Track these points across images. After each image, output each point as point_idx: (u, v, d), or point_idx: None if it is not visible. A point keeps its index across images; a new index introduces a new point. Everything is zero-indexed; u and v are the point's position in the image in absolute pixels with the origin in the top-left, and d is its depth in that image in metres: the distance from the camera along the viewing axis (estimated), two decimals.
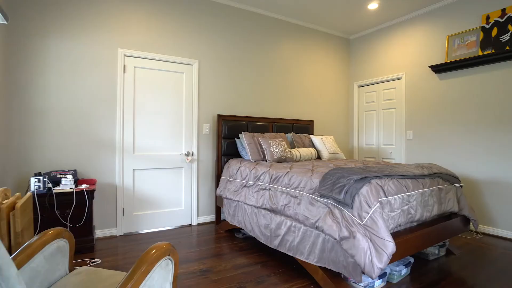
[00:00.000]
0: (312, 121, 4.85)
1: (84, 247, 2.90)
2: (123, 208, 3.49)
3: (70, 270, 1.46)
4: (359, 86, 5.42)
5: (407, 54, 4.58)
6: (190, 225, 3.92)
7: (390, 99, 4.88)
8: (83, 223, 2.89)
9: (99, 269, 1.46)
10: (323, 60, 5.22)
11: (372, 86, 5.19)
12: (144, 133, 3.61)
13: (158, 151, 3.71)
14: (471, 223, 2.83)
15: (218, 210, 3.96)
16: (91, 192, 2.92)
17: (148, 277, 1.03)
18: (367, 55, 5.24)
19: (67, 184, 2.83)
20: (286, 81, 4.76)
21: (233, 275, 2.46)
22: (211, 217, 4.08)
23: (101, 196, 3.37)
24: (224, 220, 3.91)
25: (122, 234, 3.50)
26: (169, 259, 1.15)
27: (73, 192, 2.82)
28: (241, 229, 3.54)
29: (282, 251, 2.52)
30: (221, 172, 3.89)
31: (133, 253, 2.93)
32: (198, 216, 3.98)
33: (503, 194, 3.52)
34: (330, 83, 5.32)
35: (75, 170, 3.10)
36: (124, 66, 3.48)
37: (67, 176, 2.91)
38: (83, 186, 2.93)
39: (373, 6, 4.26)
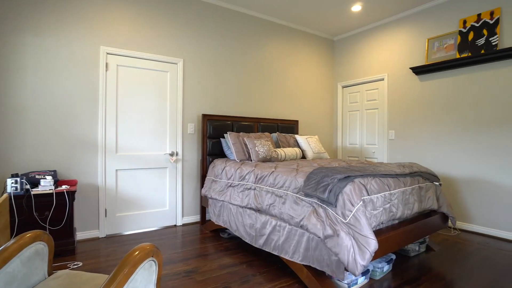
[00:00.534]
0: (297, 121, 4.89)
1: (64, 250, 2.82)
2: (106, 209, 3.42)
3: (49, 274, 1.42)
4: (343, 87, 5.51)
5: (389, 55, 4.69)
6: (175, 225, 3.88)
7: (373, 99, 4.98)
8: (63, 225, 2.81)
9: (80, 272, 1.42)
10: (308, 61, 5.27)
11: (355, 86, 5.28)
12: (127, 133, 3.55)
13: (142, 151, 3.65)
14: (449, 220, 2.93)
15: (203, 210, 3.94)
16: (72, 193, 2.84)
17: (131, 279, 1.01)
18: (351, 56, 5.33)
19: (46, 185, 2.74)
20: (272, 81, 4.78)
21: (218, 275, 2.45)
22: (196, 218, 4.05)
23: (82, 197, 3.29)
24: (209, 220, 3.89)
25: (105, 236, 3.42)
26: (153, 260, 1.13)
27: (52, 193, 2.74)
28: (226, 229, 3.53)
29: (267, 250, 2.53)
30: (206, 172, 3.87)
31: (116, 255, 2.87)
32: (183, 216, 3.94)
33: (479, 192, 3.66)
34: (315, 84, 5.38)
35: (55, 171, 3.01)
36: (107, 64, 3.41)
37: (47, 177, 2.82)
38: (64, 187, 2.85)
39: (356, 8, 4.33)
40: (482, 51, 3.57)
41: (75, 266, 2.61)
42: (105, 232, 3.42)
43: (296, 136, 4.27)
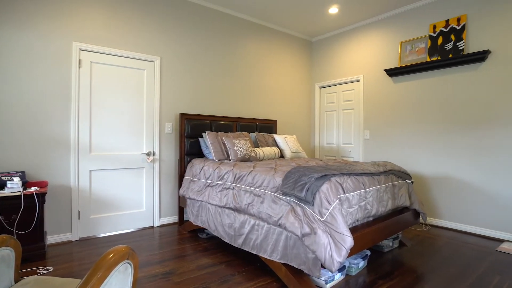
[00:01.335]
0: (275, 121, 4.93)
1: (34, 255, 2.69)
2: (79, 211, 3.30)
3: (16, 280, 1.35)
4: (321, 87, 5.61)
5: (365, 57, 4.83)
6: (152, 227, 3.80)
7: (349, 100, 5.10)
8: (32, 229, 2.68)
9: (50, 277, 1.37)
10: (287, 61, 5.32)
11: (332, 87, 5.40)
12: (102, 132, 3.43)
13: (117, 151, 3.55)
14: (420, 216, 3.05)
15: (181, 211, 3.89)
16: (42, 195, 2.71)
17: (105, 283, 0.98)
18: (328, 57, 5.44)
19: (13, 187, 2.61)
20: (250, 81, 4.79)
21: (197, 276, 2.43)
22: (173, 218, 3.99)
23: (53, 199, 3.15)
24: (187, 220, 3.84)
25: (78, 239, 3.30)
26: (128, 263, 1.11)
27: (20, 195, 2.60)
28: (205, 229, 3.50)
29: (246, 249, 2.54)
30: (184, 172, 3.82)
31: (90, 259, 2.77)
32: (160, 217, 3.87)
33: (447, 189, 3.85)
34: (293, 84, 5.44)
35: (23, 172, 2.86)
36: (80, 60, 3.28)
37: (14, 178, 2.68)
38: (33, 189, 2.72)
39: (333, 10, 4.43)
40: (450, 55, 3.75)
41: (46, 272, 2.50)
42: (78, 235, 3.30)
43: (275, 135, 4.30)
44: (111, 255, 1.01)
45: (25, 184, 2.85)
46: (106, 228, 3.48)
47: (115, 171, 3.53)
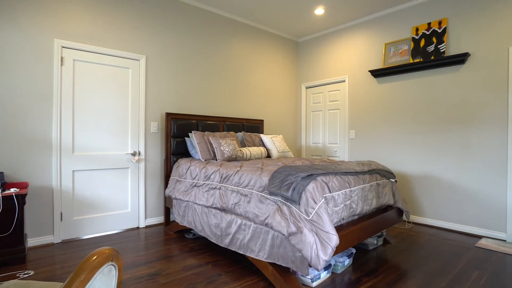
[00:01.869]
0: (262, 121, 4.94)
1: (13, 259, 2.60)
2: (61, 213, 3.21)
3: None
4: (307, 87, 5.66)
5: (350, 58, 4.90)
6: (138, 227, 3.75)
7: (335, 100, 5.17)
8: (12, 232, 2.59)
9: (31, 281, 1.33)
10: (273, 61, 5.34)
11: (318, 87, 5.45)
12: (85, 132, 3.36)
13: (101, 151, 3.48)
14: (404, 214, 3.12)
15: (167, 211, 3.84)
16: (22, 197, 2.63)
17: (88, 286, 0.96)
18: (314, 58, 5.49)
19: None
20: (237, 81, 4.79)
21: (183, 277, 2.41)
22: (159, 219, 3.94)
23: (34, 201, 3.06)
24: (174, 221, 3.80)
25: (60, 241, 3.21)
26: (113, 265, 1.09)
27: None
28: (191, 229, 3.48)
29: (233, 249, 2.54)
30: (170, 172, 3.78)
31: (73, 261, 2.71)
32: (146, 218, 3.82)
33: (430, 188, 3.96)
34: (280, 84, 5.47)
35: (1, 173, 2.77)
36: (62, 58, 3.20)
37: None
38: (12, 190, 2.63)
39: (319, 11, 4.47)
40: (432, 57, 3.85)
41: (26, 275, 2.43)
42: (60, 237, 3.21)
43: (261, 135, 4.31)
44: (95, 257, 0.99)
45: (4, 185, 2.76)
46: (90, 229, 3.41)
47: (99, 172, 3.46)
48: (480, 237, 3.48)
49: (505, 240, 3.34)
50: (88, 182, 3.39)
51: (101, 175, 3.47)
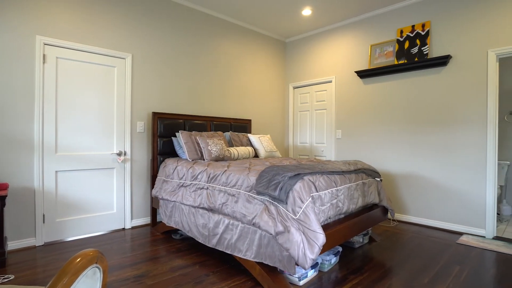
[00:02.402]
0: (250, 120, 4.95)
1: None
2: (44, 215, 3.13)
3: None
4: (294, 88, 5.69)
5: (337, 59, 4.96)
6: (124, 229, 3.69)
7: (321, 100, 5.22)
8: None
9: (11, 285, 1.29)
10: (261, 61, 5.35)
11: (306, 87, 5.49)
12: (69, 131, 3.28)
13: (86, 151, 3.40)
14: (389, 213, 3.19)
15: (154, 212, 3.80)
16: (1, 198, 2.55)
17: None
18: (301, 58, 5.53)
19: None
20: (225, 80, 4.77)
21: (170, 278, 2.39)
22: (146, 220, 3.89)
23: (15, 203, 2.97)
24: (161, 222, 3.76)
25: (43, 243, 3.13)
26: (97, 267, 1.07)
27: None
28: (179, 230, 3.45)
29: (220, 249, 2.53)
30: (157, 172, 3.73)
31: (56, 264, 2.64)
32: (132, 219, 3.76)
33: (413, 186, 4.05)
34: (267, 84, 5.48)
35: None
36: (44, 55, 3.11)
37: None
38: None
39: (306, 12, 4.50)
40: (416, 59, 3.94)
41: (6, 280, 2.35)
42: (43, 239, 3.13)
43: (249, 135, 4.31)
44: (78, 260, 0.97)
45: None
46: (74, 231, 3.33)
47: (83, 172, 3.39)
48: (461, 233, 3.59)
49: (484, 237, 3.46)
50: (72, 182, 3.31)
51: (85, 175, 3.40)
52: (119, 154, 3.63)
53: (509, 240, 3.35)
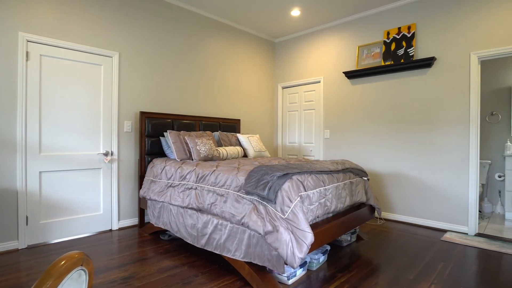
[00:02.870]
0: (239, 120, 4.94)
1: None
2: (27, 217, 3.05)
3: None
4: (283, 88, 5.72)
5: (325, 59, 5.01)
6: (111, 230, 3.63)
7: (310, 100, 5.26)
8: None
9: None
10: (250, 61, 5.35)
11: (294, 88, 5.53)
12: (53, 131, 3.20)
13: (72, 151, 3.33)
14: (376, 211, 3.24)
15: (141, 213, 3.75)
16: None
17: None
18: (290, 59, 5.56)
19: None
20: (214, 80, 4.75)
21: (158, 279, 2.37)
22: (134, 221, 3.84)
23: None
24: (148, 222, 3.72)
25: (26, 246, 3.05)
26: (82, 269, 1.05)
27: None
28: (167, 231, 3.42)
29: (209, 250, 2.52)
30: (145, 173, 3.69)
31: (39, 267, 2.58)
32: (119, 220, 3.71)
33: (400, 185, 4.13)
34: (256, 84, 5.49)
35: None
36: (27, 53, 3.03)
37: None
38: None
39: (295, 13, 4.53)
40: (402, 60, 4.02)
41: None
42: (26, 242, 3.05)
43: (238, 135, 4.31)
44: (63, 262, 0.96)
45: None
46: (59, 233, 3.26)
47: (69, 172, 3.31)
48: (445, 231, 3.68)
49: (467, 233, 3.55)
50: (57, 183, 3.24)
51: (71, 176, 3.33)
52: (106, 154, 3.57)
53: (490, 236, 3.45)
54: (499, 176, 4.65)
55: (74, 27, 3.33)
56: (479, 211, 4.61)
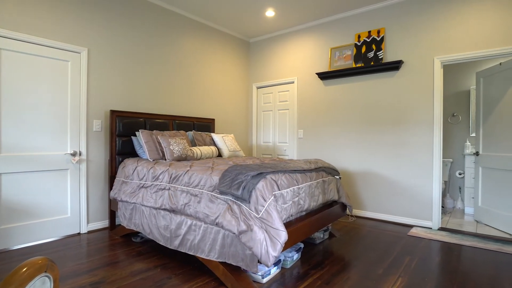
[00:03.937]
0: (213, 120, 4.91)
1: None
2: None
3: None
4: (258, 87, 5.75)
5: (299, 60, 5.09)
6: (79, 233, 3.48)
7: (284, 100, 5.33)
8: None
9: None
10: (225, 60, 5.33)
11: (269, 88, 5.57)
12: (15, 129, 3.02)
13: (36, 151, 3.16)
14: (347, 209, 3.34)
15: (112, 215, 3.63)
16: None
17: None
18: (265, 59, 5.60)
19: None
20: (188, 78, 4.69)
21: (130, 283, 2.30)
22: (104, 223, 3.71)
23: None
24: (120, 225, 3.61)
25: None
26: (47, 276, 1.00)
27: None
28: (139, 233, 3.33)
29: (183, 251, 2.49)
30: (115, 173, 3.57)
31: None
32: (88, 223, 3.56)
33: (369, 183, 4.29)
34: (231, 83, 5.47)
35: None
36: None
37: None
38: None
39: (270, 13, 4.57)
40: (372, 63, 4.17)
41: None
42: None
43: (213, 134, 4.28)
44: (25, 269, 0.91)
45: None
46: (22, 239, 3.08)
47: (33, 174, 3.14)
48: (411, 226, 3.87)
49: (431, 228, 3.76)
50: (19, 186, 3.05)
51: (35, 178, 3.16)
52: (74, 155, 3.42)
53: (452, 230, 3.67)
54: (460, 174, 4.95)
55: (39, 21, 3.15)
56: (442, 207, 4.89)
